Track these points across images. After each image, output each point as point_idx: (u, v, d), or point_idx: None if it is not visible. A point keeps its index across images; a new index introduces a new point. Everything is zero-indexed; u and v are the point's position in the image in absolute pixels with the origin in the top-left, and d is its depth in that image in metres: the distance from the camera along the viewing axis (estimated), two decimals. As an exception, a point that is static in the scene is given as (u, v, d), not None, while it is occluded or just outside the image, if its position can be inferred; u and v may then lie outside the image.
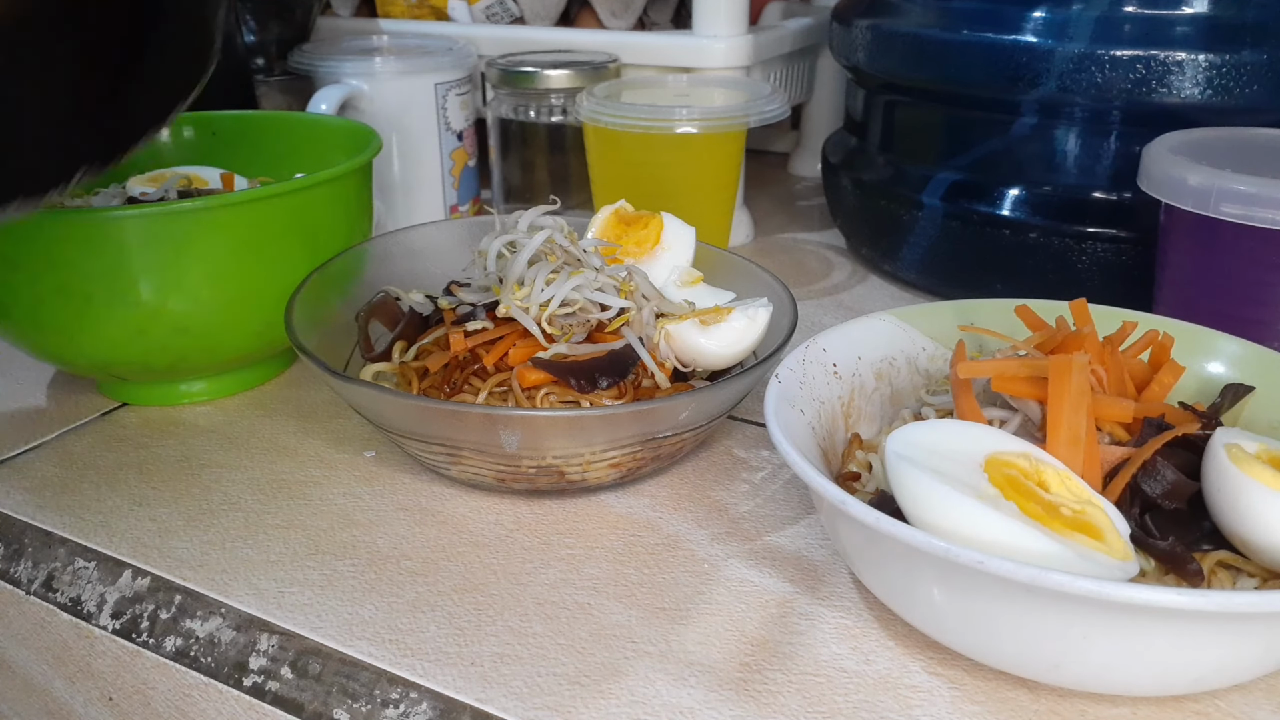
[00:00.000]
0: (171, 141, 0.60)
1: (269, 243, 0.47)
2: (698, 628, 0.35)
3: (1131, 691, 0.31)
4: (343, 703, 0.33)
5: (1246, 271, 0.43)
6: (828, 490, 0.30)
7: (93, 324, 0.45)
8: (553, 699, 0.32)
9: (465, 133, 0.74)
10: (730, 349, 0.43)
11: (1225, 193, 0.41)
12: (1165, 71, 0.50)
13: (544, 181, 0.75)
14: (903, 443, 0.32)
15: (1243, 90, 0.50)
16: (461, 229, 0.55)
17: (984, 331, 0.41)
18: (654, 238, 0.48)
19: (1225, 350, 0.40)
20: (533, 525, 0.40)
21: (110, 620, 0.38)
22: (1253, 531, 0.31)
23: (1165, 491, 0.33)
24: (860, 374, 0.41)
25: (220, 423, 0.49)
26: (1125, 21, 0.51)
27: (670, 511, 0.41)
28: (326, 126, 0.60)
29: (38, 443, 0.47)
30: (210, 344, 0.47)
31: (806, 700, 0.31)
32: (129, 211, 0.43)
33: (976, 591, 0.29)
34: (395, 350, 0.45)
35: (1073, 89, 0.52)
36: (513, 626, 0.35)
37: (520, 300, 0.42)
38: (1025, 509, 0.31)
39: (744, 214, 0.73)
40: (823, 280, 0.67)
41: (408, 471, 0.44)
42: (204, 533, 0.40)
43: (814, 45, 0.83)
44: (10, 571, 0.40)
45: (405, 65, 0.69)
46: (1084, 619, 0.28)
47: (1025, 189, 0.56)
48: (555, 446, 0.39)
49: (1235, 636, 0.28)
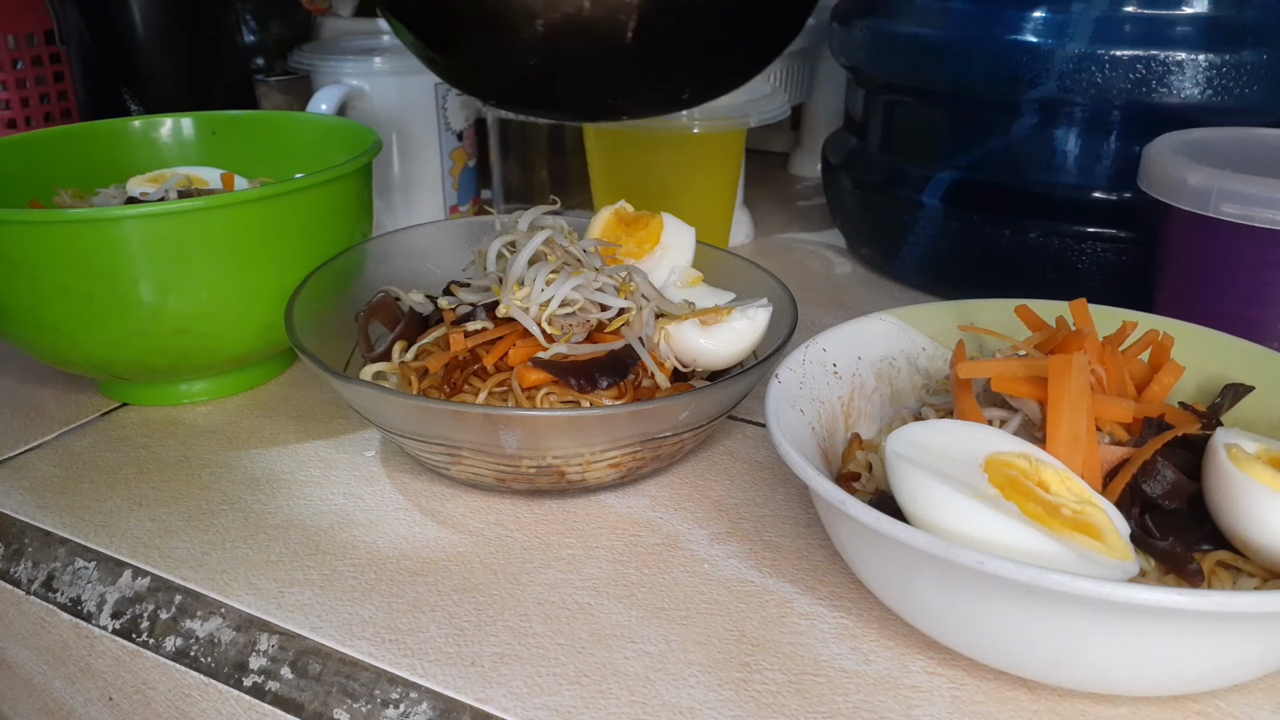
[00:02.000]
0: (172, 141, 0.60)
1: (269, 243, 0.47)
2: (698, 628, 0.35)
3: (1131, 691, 0.31)
4: (343, 703, 0.33)
5: (1246, 271, 0.43)
6: (828, 490, 0.30)
7: (93, 324, 0.45)
8: (553, 699, 0.32)
9: (465, 133, 0.74)
10: (730, 349, 0.43)
11: (1225, 193, 0.41)
12: (1165, 71, 0.50)
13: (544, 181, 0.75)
14: (903, 443, 0.33)
15: (1243, 90, 0.50)
16: (461, 229, 0.55)
17: (984, 331, 0.41)
18: (654, 238, 0.48)
19: (1225, 350, 0.40)
20: (533, 525, 0.40)
21: (110, 620, 0.38)
22: (1253, 531, 0.31)
23: (1165, 491, 0.33)
24: (860, 374, 0.41)
25: (220, 423, 0.49)
26: (1125, 21, 0.51)
27: (670, 511, 0.41)
28: (326, 126, 0.60)
29: (38, 443, 0.47)
30: (210, 344, 0.47)
31: (806, 700, 0.31)
32: (129, 211, 0.43)
33: (976, 591, 0.29)
34: (395, 350, 0.45)
35: (1073, 89, 0.52)
36: (513, 626, 0.35)
37: (520, 300, 0.42)
38: (1025, 509, 0.31)
39: (744, 214, 0.74)
40: (823, 280, 0.67)
41: (408, 471, 0.44)
42: (204, 533, 0.40)
43: (814, 45, 0.83)
44: (10, 571, 0.40)
45: (405, 65, 0.69)
46: (1084, 619, 0.28)
47: (1025, 189, 0.56)
48: (555, 446, 0.39)
49: (1235, 637, 0.28)
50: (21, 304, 0.45)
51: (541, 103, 0.48)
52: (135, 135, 0.60)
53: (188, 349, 0.47)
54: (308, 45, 0.76)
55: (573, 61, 0.43)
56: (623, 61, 0.43)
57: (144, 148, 0.60)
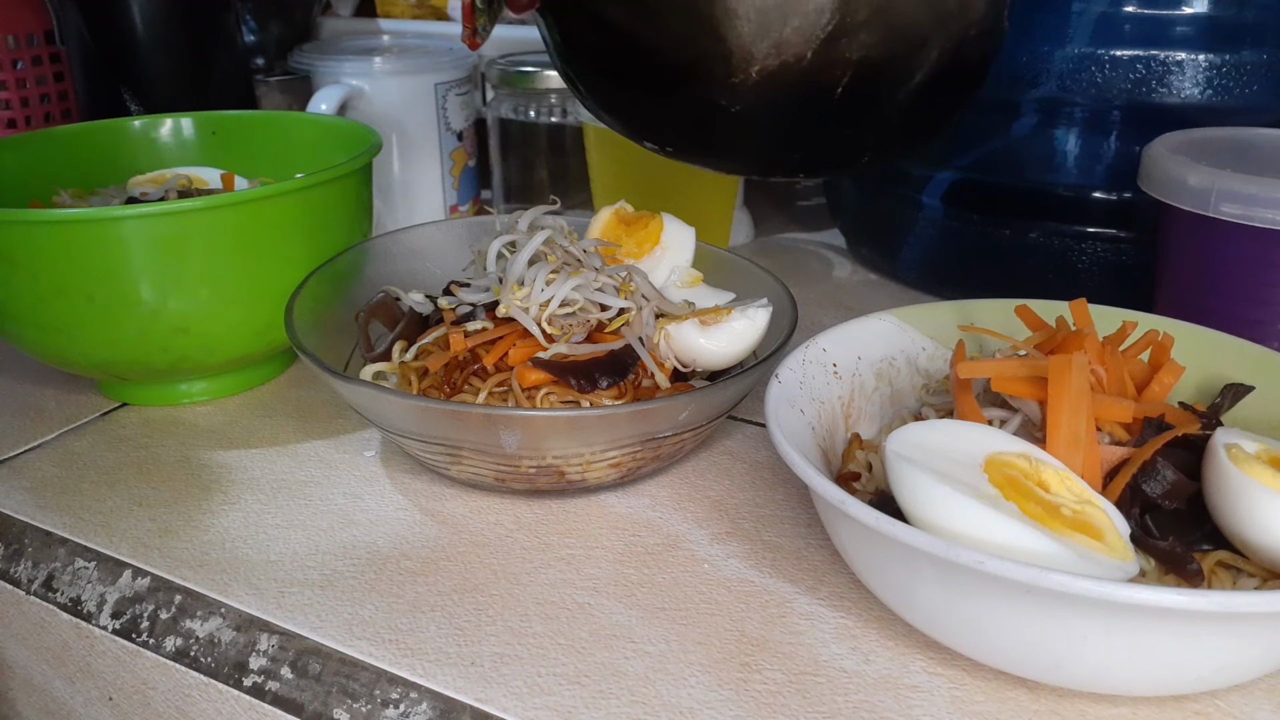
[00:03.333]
0: (172, 141, 0.60)
1: (269, 243, 0.47)
2: (698, 628, 0.35)
3: (1131, 691, 0.31)
4: (343, 703, 0.33)
5: (1246, 271, 0.43)
6: (827, 490, 0.30)
7: (93, 324, 0.45)
8: (553, 699, 0.32)
9: (465, 133, 0.74)
10: (730, 349, 0.43)
11: (1225, 193, 0.41)
12: (1165, 71, 0.50)
13: (544, 181, 0.75)
14: (902, 443, 0.33)
15: (1243, 90, 0.50)
16: (461, 229, 0.55)
17: (984, 331, 0.41)
18: (654, 238, 0.48)
19: (1225, 350, 0.40)
20: (533, 525, 0.40)
21: (110, 620, 0.38)
22: (1253, 531, 0.31)
23: (1165, 491, 0.33)
24: (860, 374, 0.41)
25: (220, 423, 0.49)
26: (1125, 21, 0.51)
27: (670, 511, 0.41)
28: (326, 126, 0.60)
29: (38, 443, 0.47)
30: (210, 344, 0.47)
31: (806, 700, 0.31)
32: (129, 211, 0.43)
33: (976, 591, 0.29)
34: (395, 350, 0.45)
35: (1073, 89, 0.52)
36: (513, 626, 0.35)
37: (520, 300, 0.42)
38: (1025, 509, 0.31)
39: (744, 214, 0.74)
40: (823, 280, 0.67)
41: (408, 471, 0.44)
42: (204, 533, 0.40)
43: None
44: (10, 571, 0.40)
45: (405, 65, 0.69)
46: (1084, 619, 0.28)
47: (1025, 189, 0.56)
48: (555, 446, 0.39)
49: (1235, 636, 0.28)
50: (21, 304, 0.45)
51: (722, 154, 0.47)
52: (135, 135, 0.60)
53: (188, 349, 0.47)
54: (308, 45, 0.76)
55: (773, 114, 0.43)
56: (820, 118, 0.43)
57: (144, 148, 0.60)
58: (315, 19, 0.87)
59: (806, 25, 0.40)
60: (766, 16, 0.40)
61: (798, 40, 0.40)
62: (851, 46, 0.40)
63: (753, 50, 0.40)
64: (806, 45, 0.40)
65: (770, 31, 0.40)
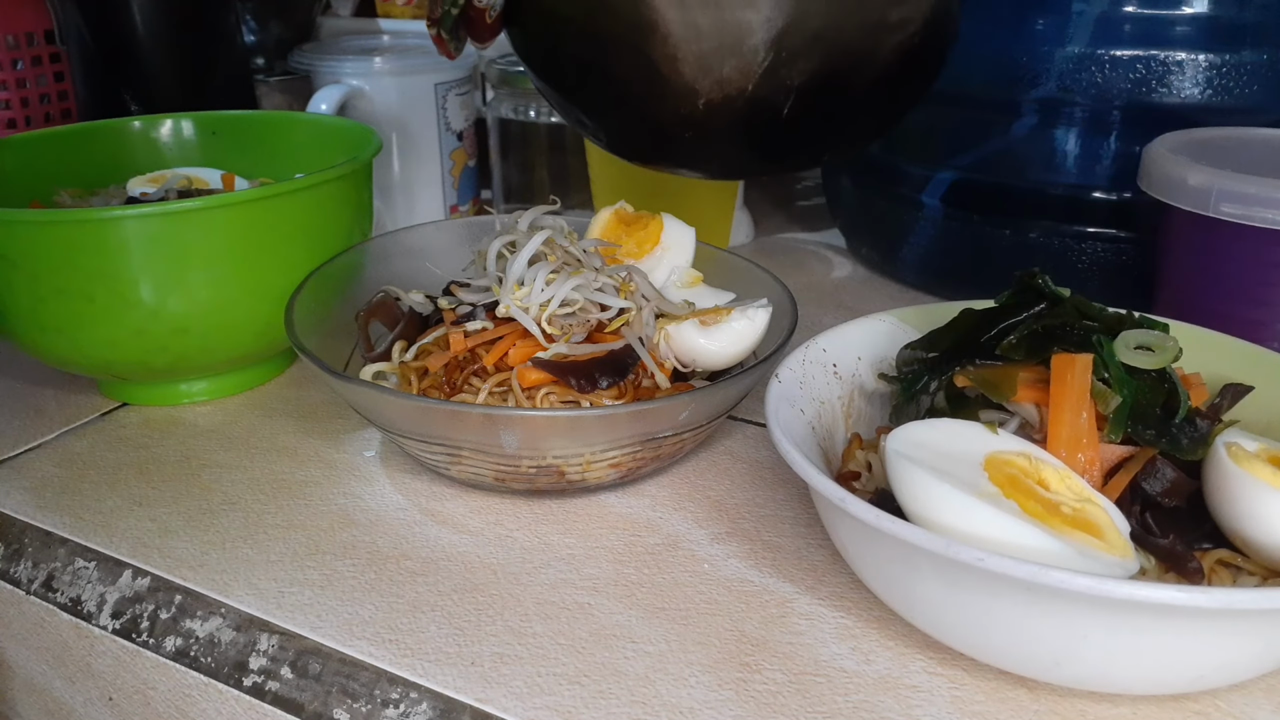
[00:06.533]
0: (172, 141, 0.60)
1: (269, 243, 0.47)
2: (698, 628, 0.35)
3: (1131, 690, 0.31)
4: (343, 703, 0.33)
5: (1246, 271, 0.43)
6: (828, 489, 0.30)
7: (93, 324, 0.45)
8: (553, 699, 0.32)
9: (465, 133, 0.74)
10: (730, 349, 0.43)
11: (1225, 193, 0.41)
12: (1165, 71, 0.50)
13: (544, 181, 0.75)
14: (903, 441, 0.33)
15: (1243, 90, 0.50)
16: (461, 229, 0.55)
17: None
18: (654, 238, 0.48)
19: (1225, 350, 0.40)
20: (533, 525, 0.40)
21: (110, 620, 0.38)
22: (1253, 530, 0.31)
23: (1165, 490, 0.33)
24: (860, 374, 0.41)
25: (220, 423, 0.49)
26: (1125, 21, 0.51)
27: (670, 511, 0.41)
28: (326, 126, 0.60)
29: (38, 443, 0.47)
30: (210, 344, 0.47)
31: (806, 700, 0.31)
32: (129, 211, 0.43)
33: (976, 589, 0.29)
34: (395, 350, 0.45)
35: (1073, 89, 0.52)
36: (513, 626, 0.35)
37: (520, 300, 0.42)
38: (1025, 507, 0.31)
39: (744, 214, 0.73)
40: (823, 280, 0.67)
41: (408, 471, 0.44)
42: (204, 533, 0.40)
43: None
44: (10, 571, 0.40)
45: (405, 65, 0.69)
46: (1084, 617, 0.28)
47: (1025, 189, 0.56)
48: (555, 446, 0.39)
49: (1235, 634, 0.28)
50: (21, 304, 0.45)
51: (687, 165, 0.50)
52: (135, 135, 0.60)
53: (188, 349, 0.47)
54: (308, 45, 0.76)
55: (726, 133, 0.45)
56: (773, 133, 0.45)
57: (144, 148, 0.60)
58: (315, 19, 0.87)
59: (744, 63, 0.42)
60: (705, 60, 0.42)
61: (738, 76, 0.42)
62: (792, 74, 0.42)
63: (696, 87, 0.43)
64: (746, 79, 0.42)
65: (710, 71, 0.42)
